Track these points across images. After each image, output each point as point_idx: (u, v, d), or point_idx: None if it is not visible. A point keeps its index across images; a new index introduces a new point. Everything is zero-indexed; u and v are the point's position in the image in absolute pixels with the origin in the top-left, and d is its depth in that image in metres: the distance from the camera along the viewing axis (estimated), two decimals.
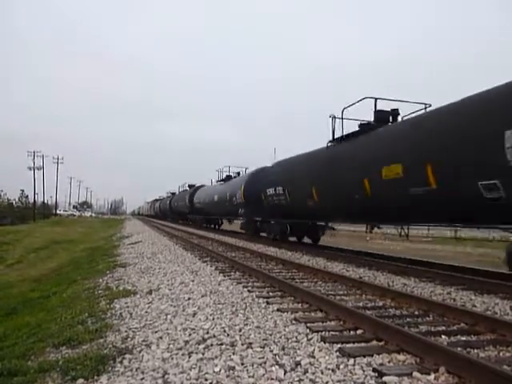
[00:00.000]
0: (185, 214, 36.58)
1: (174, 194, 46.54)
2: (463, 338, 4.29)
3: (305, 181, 13.18)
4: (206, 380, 3.20)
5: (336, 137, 11.73)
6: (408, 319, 5.02)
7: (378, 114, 10.67)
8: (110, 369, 3.48)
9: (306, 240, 16.48)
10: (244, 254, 12.43)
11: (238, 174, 24.82)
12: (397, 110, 10.55)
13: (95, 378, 3.32)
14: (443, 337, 4.30)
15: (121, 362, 3.60)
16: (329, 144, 12.13)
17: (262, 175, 18.11)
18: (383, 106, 10.77)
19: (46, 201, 73.50)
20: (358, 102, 10.85)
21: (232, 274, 8.54)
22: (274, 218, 16.70)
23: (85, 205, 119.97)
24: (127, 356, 3.73)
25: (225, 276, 8.19)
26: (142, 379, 3.24)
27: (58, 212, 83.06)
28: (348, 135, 11.35)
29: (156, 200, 65.01)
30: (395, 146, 9.24)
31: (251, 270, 8.49)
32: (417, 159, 8.31)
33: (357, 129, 11.06)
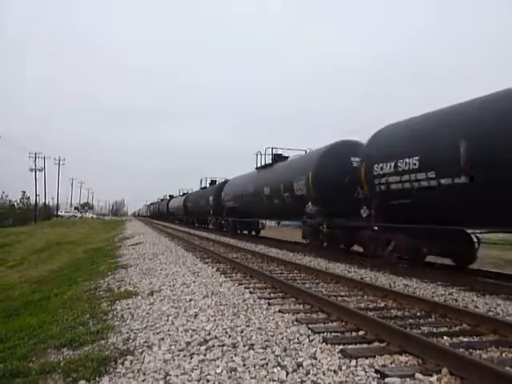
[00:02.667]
0: (166, 215, 53.45)
1: (163, 199, 63.39)
2: (465, 339, 4.28)
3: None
4: (208, 381, 3.20)
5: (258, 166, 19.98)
6: (410, 320, 5.01)
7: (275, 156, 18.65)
8: (111, 370, 3.48)
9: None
10: (245, 255, 12.44)
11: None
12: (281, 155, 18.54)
13: (97, 379, 3.32)
14: (445, 338, 4.29)
15: (122, 364, 3.60)
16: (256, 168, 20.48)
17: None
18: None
19: (47, 202, 73.38)
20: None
21: (233, 275, 8.53)
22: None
23: (86, 206, 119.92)
24: (129, 357, 3.73)
25: (226, 277, 8.18)
26: (144, 380, 3.23)
27: (59, 213, 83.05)
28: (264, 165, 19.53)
29: (151, 204, 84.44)
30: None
31: (252, 271, 8.49)
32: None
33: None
